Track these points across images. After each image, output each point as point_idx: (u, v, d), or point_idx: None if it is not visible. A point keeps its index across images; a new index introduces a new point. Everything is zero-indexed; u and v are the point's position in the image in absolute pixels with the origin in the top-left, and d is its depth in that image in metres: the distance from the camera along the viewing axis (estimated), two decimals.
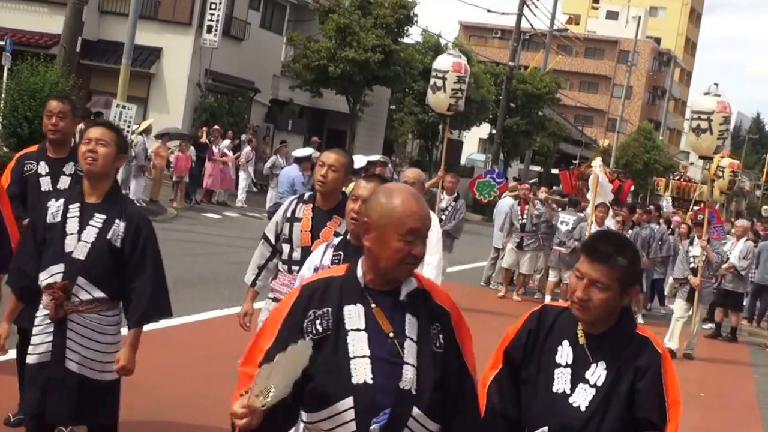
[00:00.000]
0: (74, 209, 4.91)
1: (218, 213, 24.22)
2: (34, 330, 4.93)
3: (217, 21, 31.16)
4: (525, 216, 17.65)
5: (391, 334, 3.13)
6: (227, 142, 27.16)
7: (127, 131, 21.46)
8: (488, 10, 45.18)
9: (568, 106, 73.80)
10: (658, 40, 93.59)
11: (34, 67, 19.06)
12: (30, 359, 4.94)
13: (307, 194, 5.98)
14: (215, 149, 26.15)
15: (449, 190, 15.22)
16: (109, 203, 4.93)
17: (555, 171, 57.86)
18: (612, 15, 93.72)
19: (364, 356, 3.12)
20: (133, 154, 21.81)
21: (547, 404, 3.48)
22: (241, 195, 27.00)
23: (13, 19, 30.33)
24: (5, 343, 5.12)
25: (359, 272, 3.23)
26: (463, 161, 57.06)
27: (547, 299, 16.48)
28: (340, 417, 3.09)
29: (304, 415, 3.19)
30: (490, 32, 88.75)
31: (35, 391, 4.88)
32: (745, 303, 19.96)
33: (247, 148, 27.84)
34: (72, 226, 4.88)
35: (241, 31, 33.96)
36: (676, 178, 24.10)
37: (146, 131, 23.21)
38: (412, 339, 3.15)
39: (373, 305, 3.17)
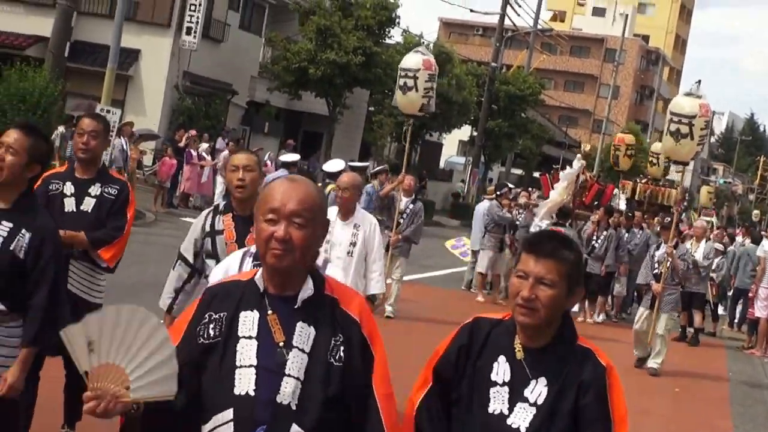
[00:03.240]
0: None
1: (196, 217, 25.53)
2: None
3: (197, 23, 32.51)
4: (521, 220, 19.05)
5: (281, 344, 3.10)
6: (205, 145, 28.54)
7: (111, 135, 22.92)
8: (471, 10, 46.72)
9: (552, 107, 75.04)
10: (646, 38, 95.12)
11: (23, 72, 20.42)
12: None
13: (222, 204, 5.97)
14: (193, 153, 27.52)
15: (407, 192, 15.44)
16: (18, 211, 4.88)
17: (537, 174, 59.37)
18: (599, 12, 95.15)
19: (250, 366, 3.09)
20: (112, 157, 23.19)
21: (482, 427, 3.35)
22: (218, 199, 28.24)
23: None
24: None
25: (258, 276, 3.21)
26: (442, 164, 58.46)
27: None
28: (220, 430, 3.07)
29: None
30: (472, 29, 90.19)
31: None
32: (719, 307, 21.41)
33: (224, 152, 29.11)
34: None
35: (220, 33, 35.29)
36: (644, 181, 25.25)
37: (123, 132, 24.35)
38: (301, 349, 3.11)
39: (269, 312, 3.15)
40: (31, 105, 19.90)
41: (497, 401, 3.34)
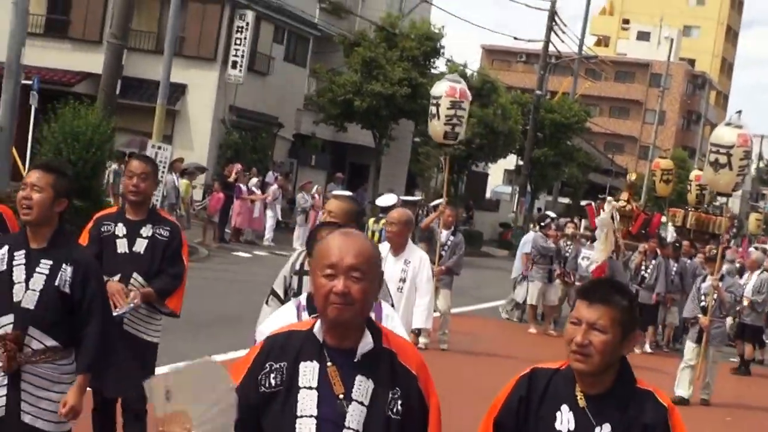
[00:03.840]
0: (20, 256, 5.04)
1: (248, 252, 25.92)
2: None
3: (242, 56, 33.15)
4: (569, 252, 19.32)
5: (341, 396, 3.24)
6: (255, 180, 29.03)
7: (163, 171, 23.44)
8: (515, 38, 47.05)
9: (597, 133, 75.06)
10: (692, 62, 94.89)
11: (76, 110, 20.88)
12: None
13: None
14: (243, 187, 27.99)
15: (447, 224, 15.70)
16: (54, 248, 5.06)
17: (584, 203, 59.41)
18: (643, 36, 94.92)
19: (311, 416, 3.23)
20: (164, 194, 23.71)
21: None
22: (269, 234, 28.60)
23: (35, 57, 32.18)
24: None
25: (317, 327, 3.33)
26: (488, 194, 58.67)
27: None
28: None
29: None
30: (515, 56, 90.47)
31: None
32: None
33: (273, 186, 29.54)
34: (18, 274, 5.00)
35: (265, 66, 35.82)
36: (691, 209, 25.23)
37: (174, 168, 24.97)
38: (360, 402, 3.25)
39: (329, 364, 3.27)
40: (85, 143, 20.26)
41: None
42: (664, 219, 21.24)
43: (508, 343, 16.79)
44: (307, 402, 3.24)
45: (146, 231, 6.57)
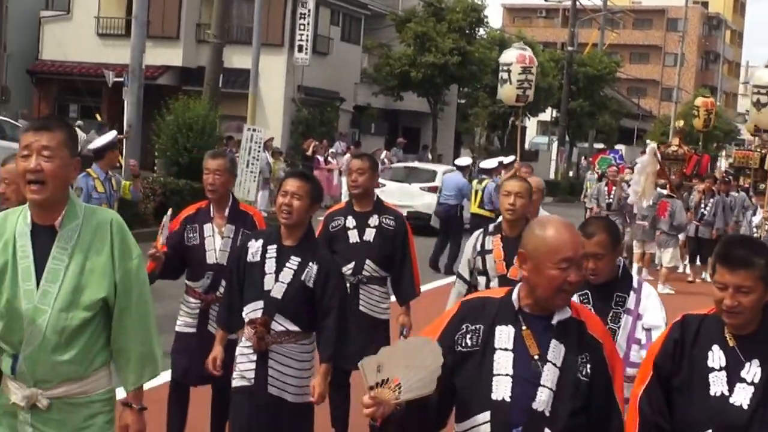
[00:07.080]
0: (272, 250, 5.49)
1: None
2: (239, 358, 5.58)
3: (307, 40, 34.86)
4: (612, 196, 20.10)
5: (536, 357, 3.41)
6: (331, 150, 30.91)
7: (258, 151, 25.33)
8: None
9: (621, 80, 76.17)
10: (705, 4, 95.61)
11: (185, 103, 22.85)
12: (235, 383, 5.57)
13: (492, 226, 6.44)
14: (320, 159, 29.84)
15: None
16: (303, 247, 5.48)
17: (618, 147, 60.88)
18: None
19: (506, 375, 3.40)
20: (258, 169, 25.62)
21: (707, 408, 3.65)
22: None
23: (120, 56, 33.94)
24: (221, 363, 5.84)
25: (514, 295, 3.51)
26: (527, 146, 60.21)
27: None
28: (477, 429, 3.43)
29: (455, 425, 3.53)
30: (534, 12, 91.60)
31: (242, 418, 5.53)
32: None
33: (347, 155, 31.27)
34: (270, 266, 5.47)
35: (326, 46, 37.64)
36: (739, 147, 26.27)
37: (266, 147, 26.82)
38: (554, 364, 3.41)
39: (524, 328, 3.45)
40: (198, 132, 22.17)
41: (717, 384, 3.67)
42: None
43: None
44: (503, 362, 3.43)
45: (373, 221, 6.94)
